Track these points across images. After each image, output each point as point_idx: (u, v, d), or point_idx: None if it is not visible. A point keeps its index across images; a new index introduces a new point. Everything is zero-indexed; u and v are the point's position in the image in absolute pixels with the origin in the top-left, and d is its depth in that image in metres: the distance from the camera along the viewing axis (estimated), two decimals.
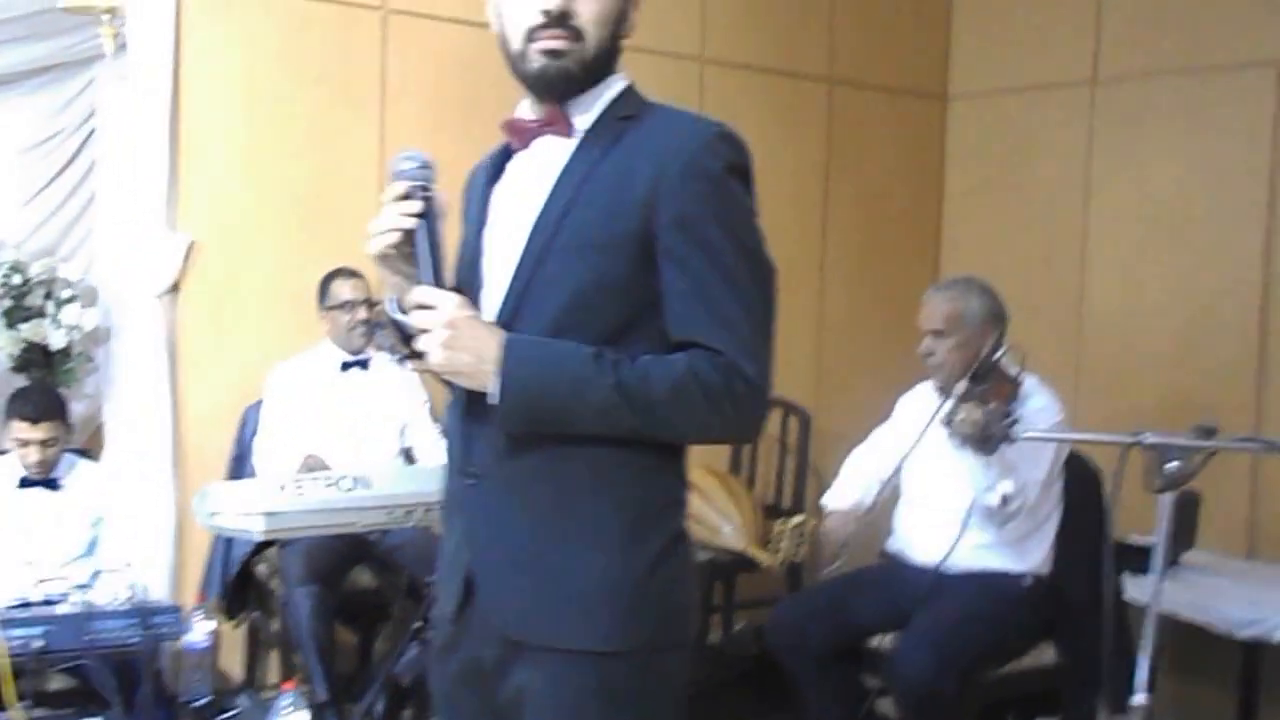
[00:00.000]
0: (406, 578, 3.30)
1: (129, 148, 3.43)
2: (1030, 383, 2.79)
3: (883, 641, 2.87)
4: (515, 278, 1.50)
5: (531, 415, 1.44)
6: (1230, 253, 3.95)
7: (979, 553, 2.82)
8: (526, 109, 1.57)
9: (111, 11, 3.52)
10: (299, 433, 3.28)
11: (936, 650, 2.63)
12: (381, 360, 3.44)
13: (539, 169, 1.52)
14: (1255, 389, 3.88)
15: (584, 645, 1.44)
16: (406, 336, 1.54)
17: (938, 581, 2.80)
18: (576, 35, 1.47)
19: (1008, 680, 2.87)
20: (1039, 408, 2.76)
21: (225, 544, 3.37)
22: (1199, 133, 4.03)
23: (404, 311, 1.52)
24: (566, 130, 1.52)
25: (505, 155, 1.60)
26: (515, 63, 1.52)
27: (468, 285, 1.55)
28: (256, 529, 2.67)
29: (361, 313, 3.31)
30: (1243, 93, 3.91)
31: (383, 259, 1.50)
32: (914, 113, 4.70)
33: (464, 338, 1.43)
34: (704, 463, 3.85)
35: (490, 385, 1.42)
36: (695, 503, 3.54)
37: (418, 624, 3.21)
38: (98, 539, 3.30)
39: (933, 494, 2.89)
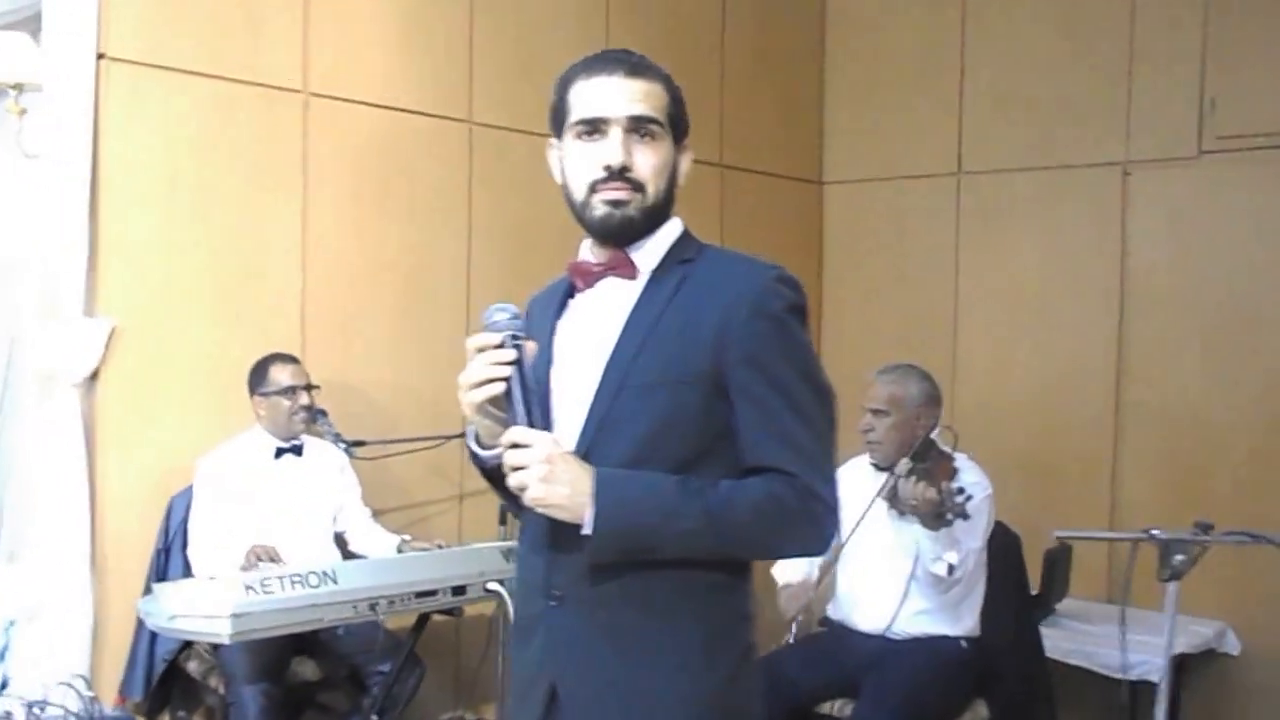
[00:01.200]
0: (348, 666, 3.26)
1: (46, 231, 3.30)
2: (961, 460, 3.04)
3: (834, 708, 3.03)
4: (591, 413, 1.60)
5: (623, 545, 1.53)
6: (1086, 330, 4.37)
7: (920, 619, 3.03)
8: (588, 251, 1.69)
9: (18, 88, 3.41)
10: (235, 523, 3.20)
11: (895, 715, 2.81)
12: (315, 445, 3.41)
13: (606, 309, 1.64)
14: (1112, 445, 4.30)
15: None
16: (489, 471, 1.65)
17: (884, 647, 2.99)
18: (636, 186, 1.60)
19: None
20: (972, 482, 3.01)
21: (149, 640, 3.23)
22: (1055, 223, 4.46)
23: (482, 446, 1.64)
24: (631, 273, 1.64)
25: (566, 292, 1.71)
26: (579, 211, 1.64)
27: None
28: (224, 632, 2.63)
29: (304, 398, 3.28)
30: (1093, 189, 4.37)
31: (469, 407, 1.58)
32: (795, 197, 5.00)
33: (560, 473, 1.51)
34: None
35: (585, 518, 1.52)
36: None
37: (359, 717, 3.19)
38: (8, 644, 3.12)
39: (874, 564, 3.09)
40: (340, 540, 3.44)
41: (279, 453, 3.33)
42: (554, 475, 1.51)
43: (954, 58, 4.70)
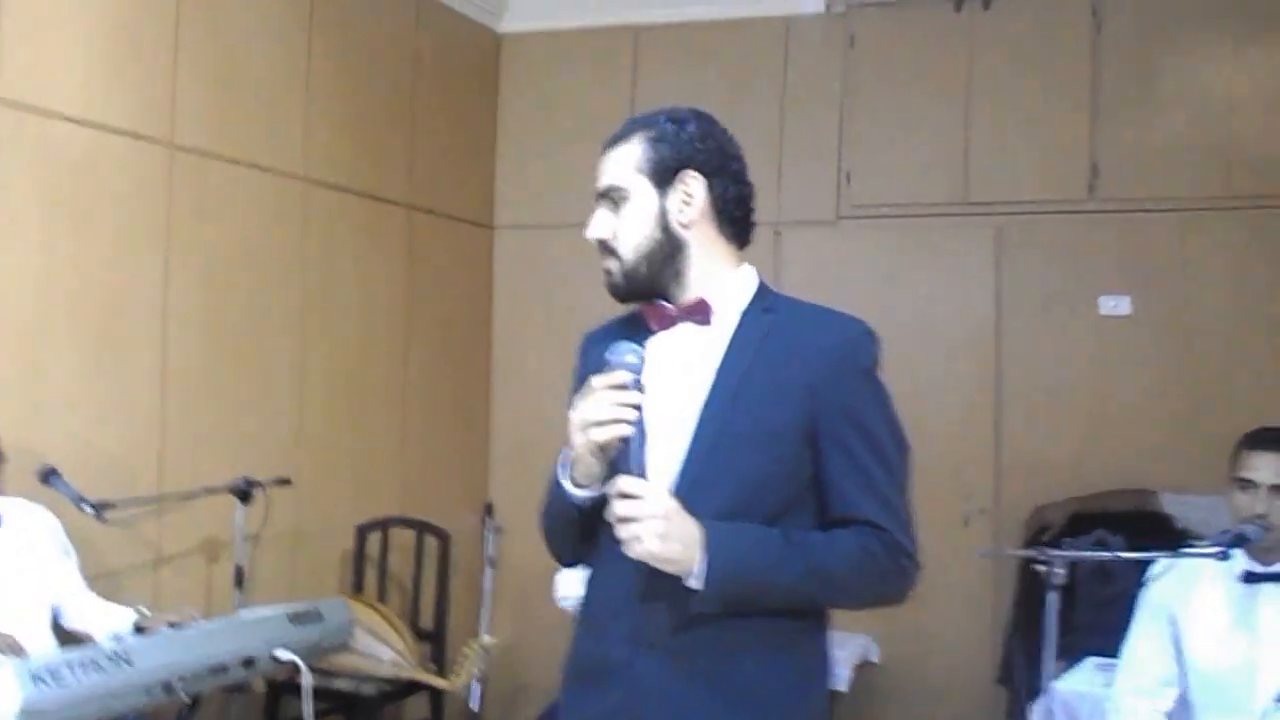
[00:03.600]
0: None
1: None
2: None
3: None
4: (687, 463, 1.62)
5: (730, 597, 1.56)
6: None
7: None
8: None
9: None
10: None
11: None
12: (15, 508, 2.91)
13: (688, 355, 1.68)
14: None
15: None
16: (570, 508, 1.65)
17: None
18: (613, 253, 1.71)
19: None
20: None
21: None
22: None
23: (578, 485, 1.63)
24: (706, 319, 1.69)
25: (634, 333, 1.71)
26: None
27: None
28: None
29: None
30: (750, 245, 4.84)
31: (585, 444, 1.57)
32: (470, 240, 5.05)
33: (675, 529, 1.52)
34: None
35: (695, 571, 1.54)
36: (356, 633, 3.49)
37: None
38: None
39: None
40: (57, 616, 2.97)
41: None
42: (670, 532, 1.51)
43: (624, 118, 4.99)
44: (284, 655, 2.74)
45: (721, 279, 1.72)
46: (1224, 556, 2.61)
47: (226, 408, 3.78)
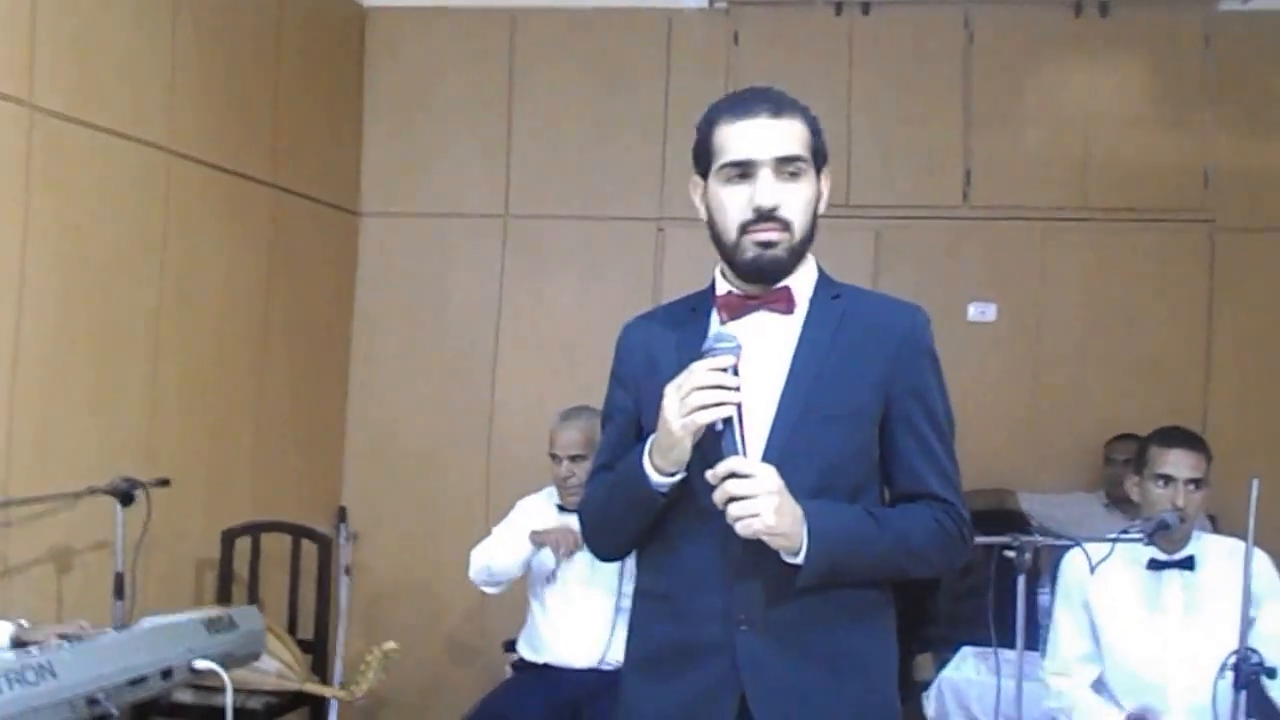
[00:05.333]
0: None
1: None
2: None
3: None
4: (771, 443, 1.66)
5: (828, 572, 1.61)
6: None
7: None
8: (726, 282, 1.75)
9: None
10: None
11: None
12: None
13: (765, 341, 1.70)
14: None
15: None
16: (648, 497, 1.64)
17: (599, 679, 3.02)
18: (785, 226, 1.67)
19: None
20: None
21: None
22: (596, 270, 4.80)
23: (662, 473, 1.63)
24: (789, 307, 1.70)
25: (693, 320, 1.73)
26: (729, 251, 1.71)
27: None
28: None
29: None
30: (632, 241, 4.78)
31: (688, 427, 1.57)
32: (334, 226, 4.75)
33: (786, 505, 1.57)
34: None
35: (800, 548, 1.59)
36: None
37: None
38: None
39: (576, 602, 3.10)
40: None
41: None
42: (784, 507, 1.56)
43: (502, 105, 4.84)
44: (203, 665, 2.45)
45: (801, 269, 1.76)
46: (1149, 542, 2.76)
47: (79, 403, 3.38)
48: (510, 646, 3.89)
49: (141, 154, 3.61)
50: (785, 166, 1.67)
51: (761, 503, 1.55)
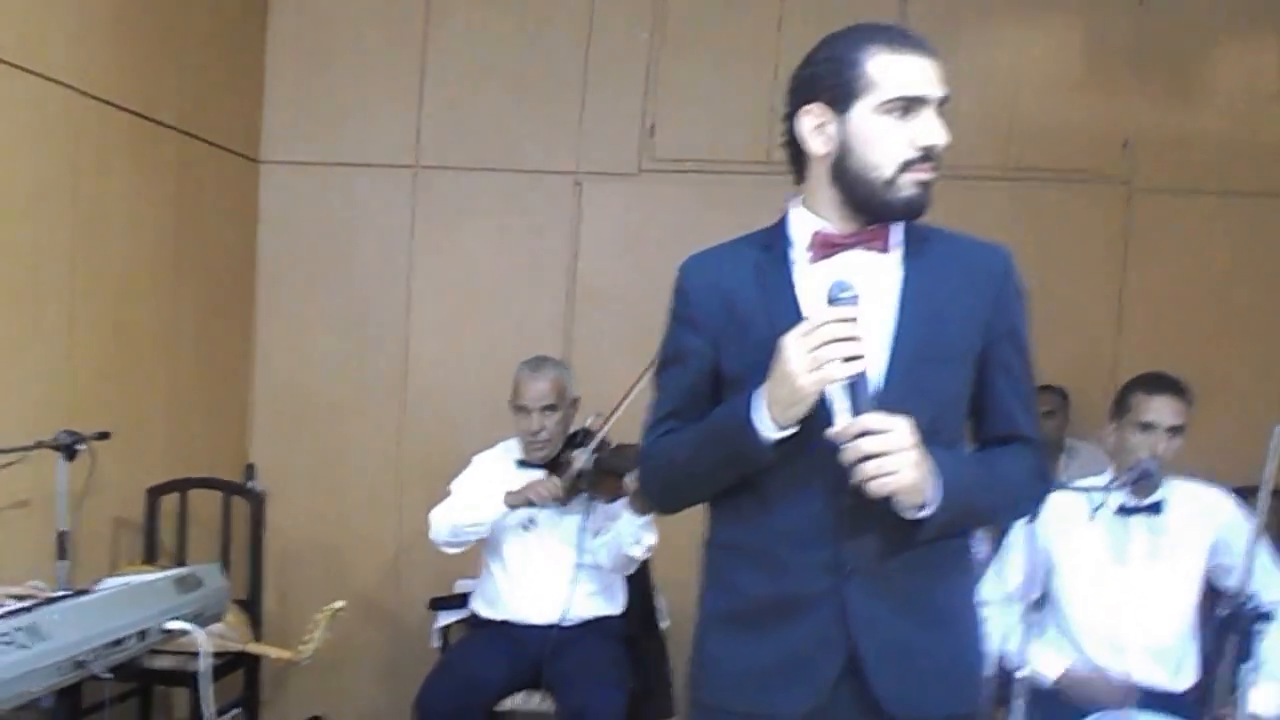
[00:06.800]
0: None
1: None
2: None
3: (515, 701, 2.97)
4: (884, 388, 1.60)
5: (952, 520, 1.61)
6: (538, 326, 4.64)
7: (591, 601, 3.10)
8: (813, 219, 1.67)
9: None
10: None
11: (601, 694, 2.87)
12: None
13: (864, 281, 1.62)
14: None
15: (955, 712, 1.67)
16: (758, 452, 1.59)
17: (560, 636, 3.02)
18: (938, 167, 1.65)
19: None
20: None
21: None
22: (512, 223, 4.73)
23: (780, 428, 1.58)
24: (885, 246, 1.66)
25: (773, 258, 1.67)
26: (879, 189, 1.61)
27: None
28: None
29: None
30: (548, 195, 4.73)
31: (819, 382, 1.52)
32: (236, 174, 4.54)
33: (922, 458, 1.55)
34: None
35: (928, 499, 1.57)
36: None
37: None
38: None
39: (535, 558, 3.08)
40: None
41: None
42: (922, 461, 1.54)
43: (415, 54, 4.70)
44: (175, 625, 2.35)
45: None
46: (1135, 490, 2.73)
47: None
48: (437, 604, 3.84)
49: (47, 90, 3.37)
50: (941, 106, 1.64)
51: (899, 459, 1.51)
